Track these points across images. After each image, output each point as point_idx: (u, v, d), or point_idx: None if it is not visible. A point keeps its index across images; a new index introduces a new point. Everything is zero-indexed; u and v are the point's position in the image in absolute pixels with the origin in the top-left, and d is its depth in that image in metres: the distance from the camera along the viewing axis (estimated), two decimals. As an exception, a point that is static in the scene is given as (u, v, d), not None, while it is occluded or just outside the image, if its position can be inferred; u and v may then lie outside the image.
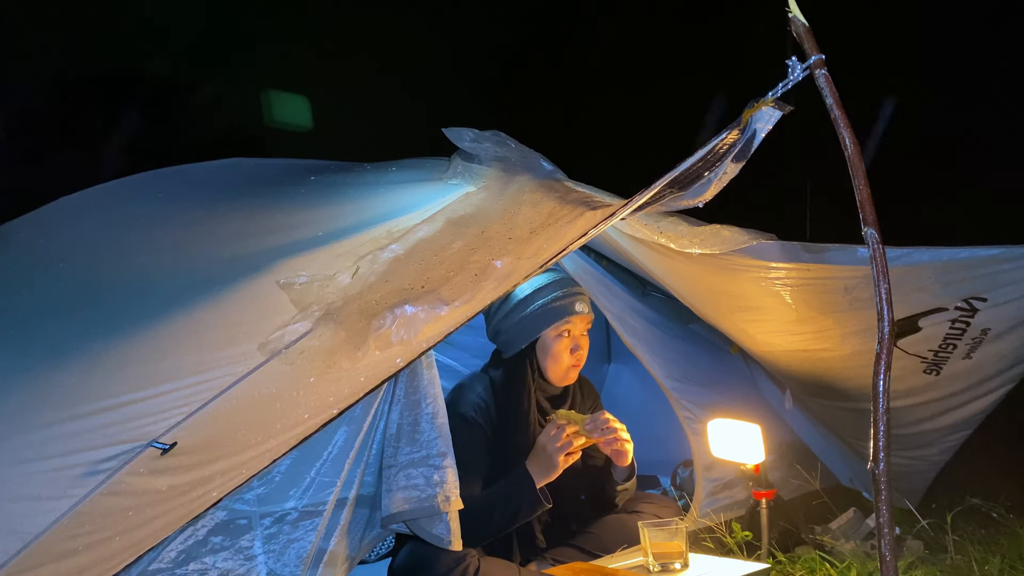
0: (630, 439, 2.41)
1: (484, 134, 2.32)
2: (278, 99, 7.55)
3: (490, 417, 2.48)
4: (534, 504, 2.29)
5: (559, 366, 2.52)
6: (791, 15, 1.49)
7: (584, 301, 2.56)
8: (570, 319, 2.50)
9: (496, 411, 2.49)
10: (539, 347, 2.52)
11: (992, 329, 2.32)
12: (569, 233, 1.88)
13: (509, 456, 2.43)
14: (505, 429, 2.47)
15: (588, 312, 2.55)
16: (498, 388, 2.53)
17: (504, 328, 2.55)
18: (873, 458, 1.42)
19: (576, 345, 2.53)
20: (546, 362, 2.52)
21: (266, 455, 1.66)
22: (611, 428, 2.35)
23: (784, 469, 2.97)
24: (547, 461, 2.29)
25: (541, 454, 2.31)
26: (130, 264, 2.17)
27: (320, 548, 1.88)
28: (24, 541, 1.46)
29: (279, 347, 1.73)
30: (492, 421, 2.48)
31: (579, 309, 2.52)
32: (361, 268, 1.91)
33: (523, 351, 2.52)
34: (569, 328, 2.51)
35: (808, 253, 2.23)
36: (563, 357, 2.51)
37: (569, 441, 2.30)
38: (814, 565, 2.50)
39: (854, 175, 1.46)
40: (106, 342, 1.79)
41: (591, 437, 2.34)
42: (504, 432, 2.47)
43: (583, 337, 2.57)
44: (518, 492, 2.29)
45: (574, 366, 2.55)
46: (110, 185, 2.63)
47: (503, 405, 2.49)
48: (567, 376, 2.56)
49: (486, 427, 2.46)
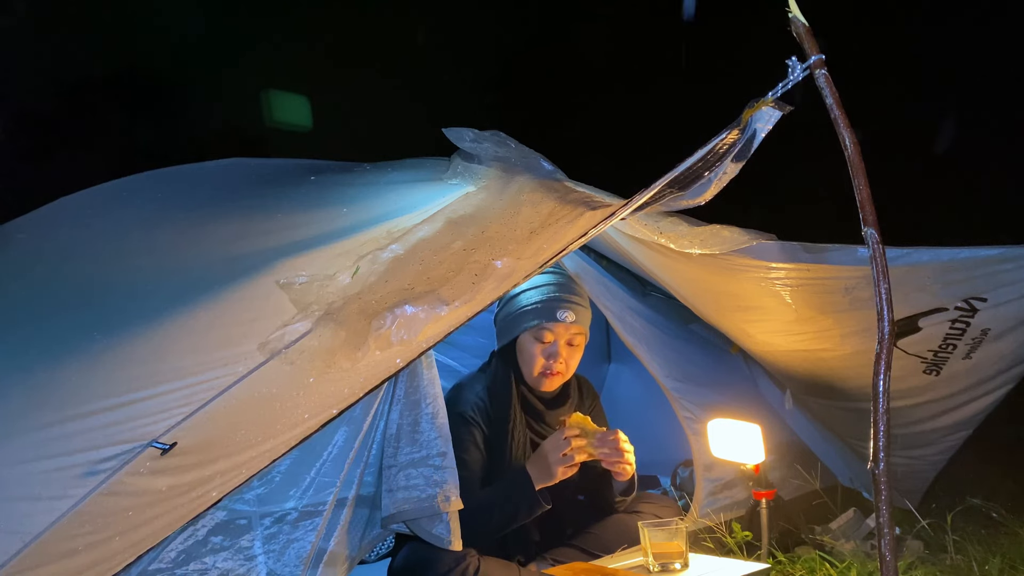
0: (634, 462, 2.35)
1: (484, 134, 2.32)
2: (278, 99, 7.55)
3: (488, 415, 2.48)
4: (532, 505, 2.28)
5: (532, 370, 2.49)
6: (791, 15, 1.49)
7: (572, 310, 2.49)
8: (548, 325, 2.46)
9: (491, 409, 2.50)
10: (518, 347, 2.52)
11: (992, 329, 2.32)
12: (569, 233, 1.88)
13: (504, 455, 2.43)
14: (496, 427, 2.48)
15: (574, 321, 2.49)
16: (490, 386, 2.54)
17: (496, 321, 2.61)
18: (873, 458, 1.42)
19: (554, 351, 2.47)
20: (522, 363, 2.51)
21: (266, 455, 1.66)
22: (619, 450, 2.29)
23: (784, 469, 2.97)
24: (546, 469, 2.26)
25: (542, 460, 2.28)
26: (130, 264, 2.16)
27: (320, 548, 1.88)
28: (24, 541, 1.46)
29: (279, 347, 1.73)
30: (489, 419, 2.48)
31: (560, 317, 2.47)
32: (361, 268, 1.91)
33: (507, 348, 2.54)
34: (547, 335, 2.47)
35: (808, 253, 2.23)
36: (535, 362, 2.48)
37: (571, 455, 2.26)
38: (814, 565, 2.50)
39: (854, 175, 1.46)
40: (106, 342, 1.79)
41: (596, 453, 2.29)
42: (495, 430, 2.48)
43: (569, 347, 2.50)
44: (517, 493, 2.28)
45: (548, 374, 2.48)
46: (110, 185, 2.63)
47: (494, 402, 2.50)
48: (540, 383, 2.51)
49: (484, 425, 2.47)
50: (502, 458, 2.44)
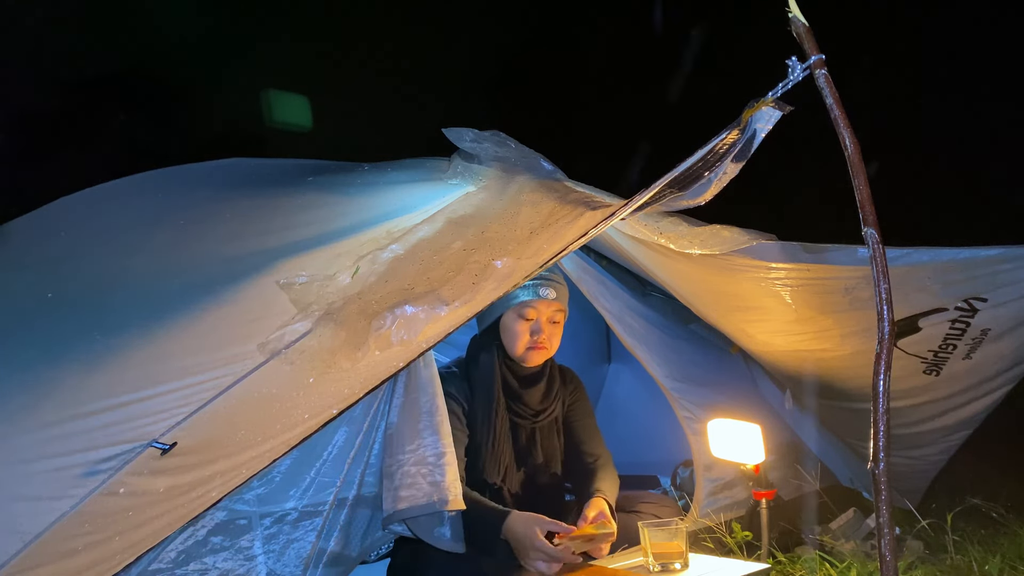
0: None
1: (484, 134, 2.32)
2: (278, 99, 7.55)
3: (469, 395, 2.55)
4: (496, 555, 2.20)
5: (517, 346, 2.56)
6: (791, 15, 1.49)
7: (551, 287, 2.57)
8: (531, 302, 2.53)
9: (475, 388, 2.55)
10: (502, 326, 2.58)
11: (992, 329, 2.31)
12: (569, 233, 1.88)
13: (488, 432, 2.49)
14: (479, 405, 2.53)
15: (554, 298, 2.56)
16: (471, 366, 2.60)
17: None
18: (873, 458, 1.42)
19: (537, 328, 2.55)
20: (507, 341, 2.57)
21: (266, 455, 1.66)
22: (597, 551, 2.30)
23: (784, 469, 2.97)
24: (522, 553, 2.16)
25: (519, 544, 2.17)
26: (130, 264, 2.16)
27: (320, 548, 1.88)
28: (24, 541, 1.46)
29: (279, 347, 1.73)
30: (471, 398, 2.54)
31: (543, 294, 2.54)
32: (361, 268, 1.91)
33: (489, 329, 2.60)
34: (530, 311, 2.54)
35: (808, 253, 2.23)
36: (522, 338, 2.55)
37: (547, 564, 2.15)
38: (814, 565, 2.50)
39: (854, 175, 1.46)
40: (106, 342, 1.79)
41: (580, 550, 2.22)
42: (478, 408, 2.53)
43: (551, 324, 2.58)
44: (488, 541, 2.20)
45: (534, 348, 2.56)
46: (110, 185, 2.63)
47: (477, 382, 2.56)
48: (528, 357, 2.58)
49: (465, 403, 2.53)
50: (487, 435, 2.49)
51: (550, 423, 2.64)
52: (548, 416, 2.63)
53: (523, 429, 2.59)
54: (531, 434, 2.60)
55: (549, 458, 2.62)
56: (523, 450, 2.58)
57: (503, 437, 2.53)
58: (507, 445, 2.54)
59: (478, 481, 2.47)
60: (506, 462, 2.53)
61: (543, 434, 2.62)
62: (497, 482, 2.50)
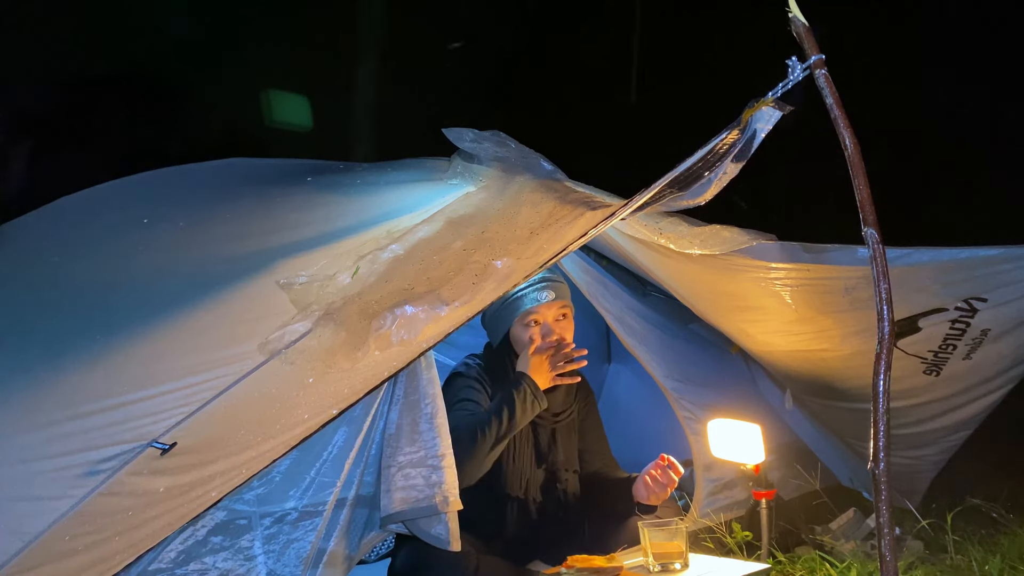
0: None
1: (484, 134, 2.32)
2: (278, 99, 7.54)
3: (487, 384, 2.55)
4: (527, 400, 2.35)
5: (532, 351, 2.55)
6: (791, 15, 1.49)
7: (548, 288, 2.56)
8: (533, 309, 2.53)
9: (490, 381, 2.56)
10: (513, 340, 2.57)
11: (992, 329, 2.32)
12: (569, 233, 1.88)
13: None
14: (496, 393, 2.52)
15: (556, 299, 2.55)
16: (487, 363, 2.61)
17: (484, 323, 2.67)
18: (873, 458, 1.42)
19: (547, 329, 2.53)
20: (521, 352, 2.55)
21: (266, 455, 1.66)
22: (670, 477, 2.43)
23: (784, 469, 2.97)
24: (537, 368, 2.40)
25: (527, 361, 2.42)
26: (130, 264, 2.16)
27: (320, 548, 1.88)
28: (24, 541, 1.46)
29: (279, 347, 1.73)
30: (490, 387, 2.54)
31: (542, 299, 2.53)
32: (361, 268, 1.91)
33: (502, 344, 2.61)
34: (536, 317, 2.53)
35: (808, 253, 2.23)
36: (535, 343, 2.53)
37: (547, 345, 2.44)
38: (814, 565, 2.50)
39: (854, 175, 1.46)
40: (106, 342, 1.79)
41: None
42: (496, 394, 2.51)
43: (560, 322, 2.56)
44: (515, 393, 2.35)
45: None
46: (110, 185, 2.62)
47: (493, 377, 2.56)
48: None
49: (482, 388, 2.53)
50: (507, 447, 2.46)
51: (569, 423, 2.65)
52: (568, 416, 2.64)
53: (544, 429, 2.59)
54: (551, 434, 2.60)
55: (569, 456, 2.62)
56: (544, 449, 2.58)
57: (524, 443, 2.52)
58: (528, 450, 2.54)
59: (500, 494, 2.47)
60: (527, 475, 2.53)
61: (563, 434, 2.63)
62: (520, 494, 2.50)
